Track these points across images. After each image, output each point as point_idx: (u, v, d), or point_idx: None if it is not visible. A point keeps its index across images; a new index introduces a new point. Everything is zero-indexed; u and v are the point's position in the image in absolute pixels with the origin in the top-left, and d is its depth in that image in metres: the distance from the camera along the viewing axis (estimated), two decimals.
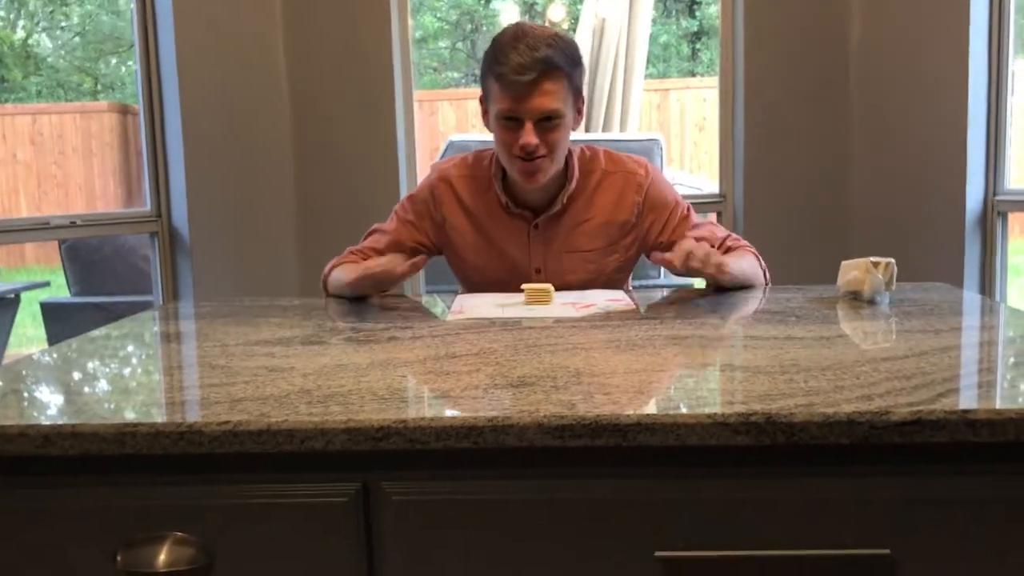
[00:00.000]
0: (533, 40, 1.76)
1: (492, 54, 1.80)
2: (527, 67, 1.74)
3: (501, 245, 1.97)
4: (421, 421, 1.01)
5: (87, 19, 13.14)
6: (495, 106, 1.81)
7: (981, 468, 1.01)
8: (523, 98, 1.76)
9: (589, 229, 1.94)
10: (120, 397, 1.17)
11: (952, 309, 1.61)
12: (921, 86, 2.99)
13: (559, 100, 1.78)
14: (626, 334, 1.46)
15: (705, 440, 0.99)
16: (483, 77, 1.85)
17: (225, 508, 1.05)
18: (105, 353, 1.47)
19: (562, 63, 1.77)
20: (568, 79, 1.80)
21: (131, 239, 4.33)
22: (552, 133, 1.80)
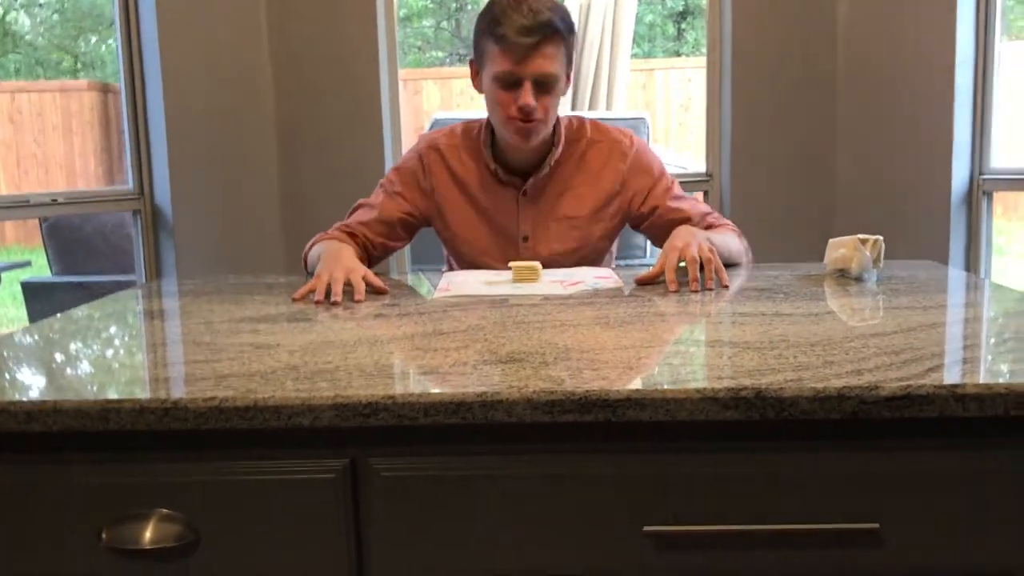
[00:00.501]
0: (535, 3, 1.79)
1: (491, 16, 1.81)
2: (531, 29, 1.76)
3: (490, 213, 1.97)
4: (410, 397, 1.00)
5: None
6: (493, 67, 1.82)
7: (969, 442, 1.01)
8: (524, 60, 1.79)
9: (575, 196, 1.96)
10: (104, 374, 1.15)
11: (939, 286, 1.61)
12: (908, 65, 2.99)
13: (557, 64, 1.82)
14: (614, 311, 1.46)
15: (694, 415, 0.99)
16: (478, 39, 1.86)
17: (211, 484, 1.04)
18: (88, 331, 1.45)
19: (562, 28, 1.81)
20: (565, 44, 1.84)
21: (113, 217, 4.29)
22: (548, 96, 1.83)
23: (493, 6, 1.82)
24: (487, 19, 1.82)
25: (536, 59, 1.79)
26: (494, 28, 1.79)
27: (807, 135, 3.12)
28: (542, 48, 1.78)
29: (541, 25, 1.77)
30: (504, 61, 1.79)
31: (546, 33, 1.78)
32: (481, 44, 1.85)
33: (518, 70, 1.79)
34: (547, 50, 1.79)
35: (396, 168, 2.05)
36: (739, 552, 1.02)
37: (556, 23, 1.79)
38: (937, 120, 2.94)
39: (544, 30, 1.77)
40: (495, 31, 1.79)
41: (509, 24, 1.77)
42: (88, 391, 1.06)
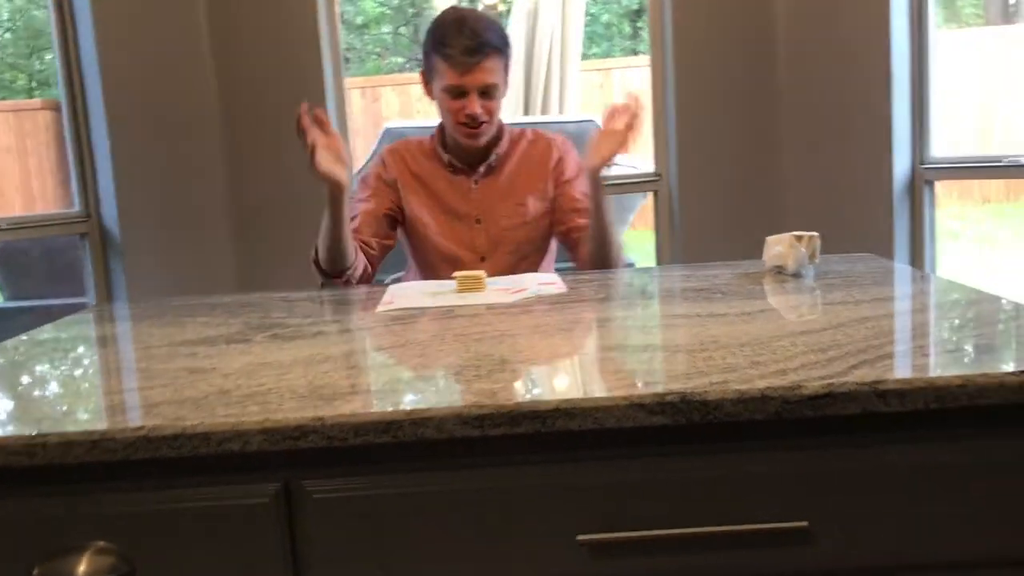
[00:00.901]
0: (474, 24, 2.06)
1: (438, 36, 2.07)
2: (473, 50, 2.04)
3: (446, 201, 2.20)
4: (339, 418, 1.00)
5: (18, 14, 12.78)
6: (442, 81, 2.09)
7: (894, 437, 1.03)
8: (469, 74, 2.06)
9: (519, 181, 2.22)
10: (35, 406, 1.14)
11: (875, 279, 1.63)
12: (845, 57, 3.03)
13: (497, 75, 2.10)
14: (555, 318, 1.47)
15: (622, 422, 1.00)
16: (427, 55, 2.13)
17: (145, 515, 1.03)
18: (24, 361, 1.43)
19: (500, 45, 2.10)
20: (503, 57, 2.12)
21: (63, 240, 4.23)
22: (491, 102, 2.12)
23: (438, 27, 2.09)
24: (435, 38, 2.09)
25: (479, 73, 2.06)
26: (441, 48, 2.07)
27: (751, 132, 3.16)
28: (484, 63, 2.06)
29: (481, 45, 2.04)
30: (452, 76, 2.07)
31: (486, 51, 2.05)
32: (430, 60, 2.12)
33: (465, 83, 2.07)
34: (488, 64, 2.06)
35: (361, 177, 2.28)
36: (673, 557, 1.03)
37: (494, 41, 2.07)
38: (876, 111, 2.98)
39: (485, 49, 2.05)
40: (442, 51, 2.06)
41: (455, 44, 2.04)
42: (14, 426, 1.05)
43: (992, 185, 8.77)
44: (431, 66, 2.12)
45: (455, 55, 2.04)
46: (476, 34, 2.03)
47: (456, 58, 2.04)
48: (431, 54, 2.10)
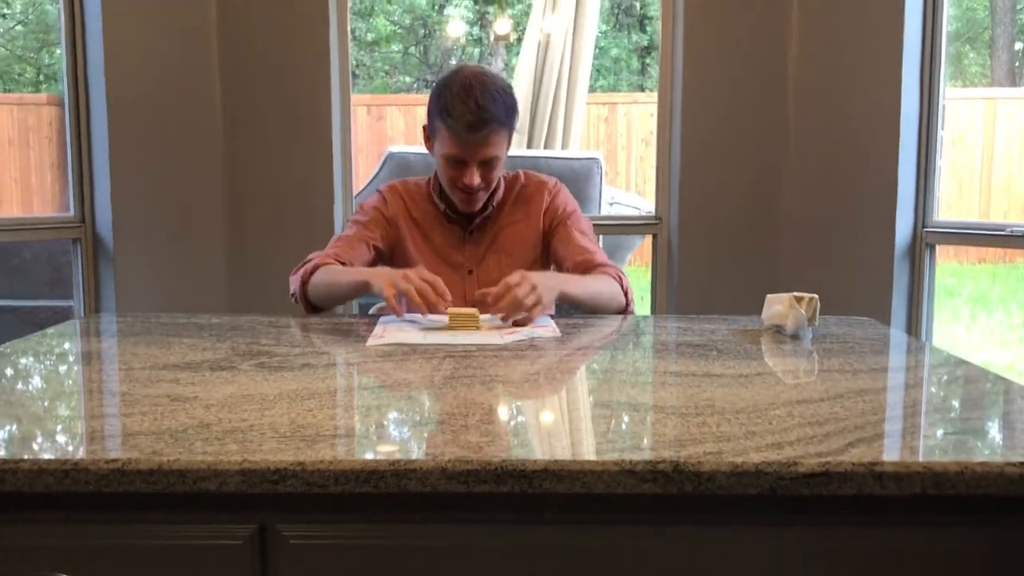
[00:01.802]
0: (481, 96, 1.94)
1: (443, 102, 1.97)
2: (476, 126, 1.94)
3: (440, 248, 2.15)
4: (320, 464, 0.97)
5: (30, 7, 12.79)
6: (443, 147, 2.00)
7: (890, 519, 1.00)
8: (470, 148, 1.97)
9: (512, 232, 2.15)
10: (8, 427, 1.11)
11: (873, 347, 1.61)
12: (855, 115, 3.03)
13: (499, 148, 2.01)
14: (546, 365, 1.44)
15: (612, 488, 0.97)
16: (431, 116, 2.02)
17: (116, 549, 1.00)
18: (5, 373, 1.40)
19: (504, 119, 1.98)
20: (507, 130, 2.02)
21: (52, 243, 4.20)
22: (491, 172, 2.04)
23: (444, 91, 1.98)
24: (439, 103, 1.98)
25: (481, 148, 1.97)
26: (444, 116, 1.96)
27: (755, 183, 3.15)
28: (487, 139, 1.97)
29: (484, 121, 1.94)
30: (452, 146, 1.98)
31: (490, 127, 1.95)
32: (433, 122, 2.03)
33: (465, 155, 1.98)
34: (491, 140, 1.97)
35: (361, 205, 2.22)
36: None
37: (500, 117, 1.96)
38: (882, 171, 2.98)
39: (489, 125, 1.95)
40: (445, 119, 1.96)
41: (458, 117, 1.94)
42: None
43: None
44: (433, 127, 2.03)
45: (457, 128, 1.94)
46: (481, 108, 1.93)
47: (458, 131, 1.94)
48: (434, 116, 2.01)
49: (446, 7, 13.38)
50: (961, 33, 11.29)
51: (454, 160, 1.99)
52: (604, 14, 12.38)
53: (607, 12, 12.64)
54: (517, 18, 10.60)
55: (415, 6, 13.28)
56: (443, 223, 2.14)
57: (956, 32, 2.64)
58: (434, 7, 13.36)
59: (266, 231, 3.15)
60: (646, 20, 12.94)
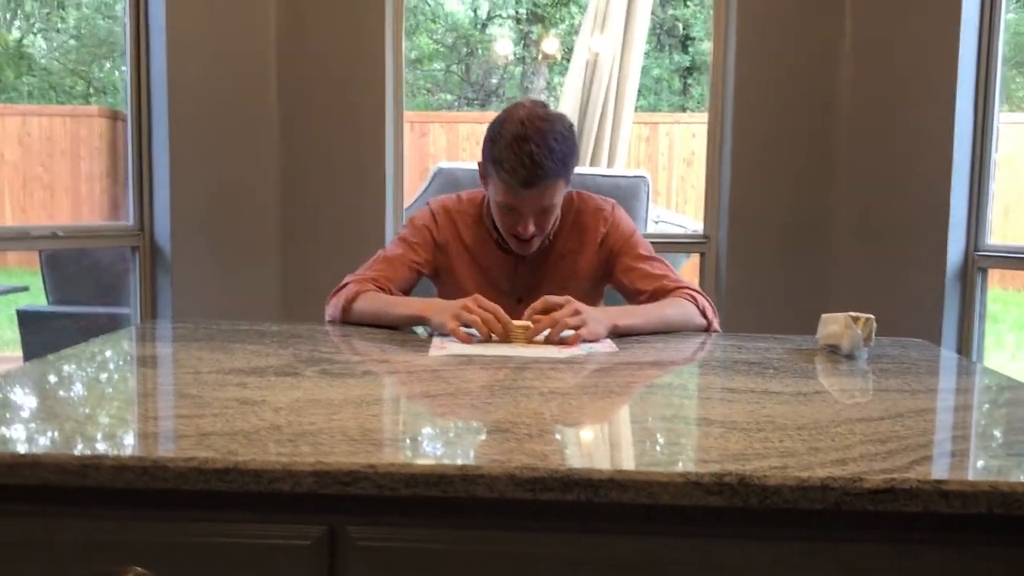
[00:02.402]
0: (536, 150, 1.83)
1: (495, 152, 1.88)
2: (531, 182, 1.84)
3: (490, 274, 2.08)
4: (391, 467, 1.00)
5: (83, 22, 13.11)
6: (496, 194, 1.93)
7: (952, 538, 1.00)
8: (524, 201, 1.89)
9: (566, 262, 2.08)
10: (87, 426, 1.15)
11: (929, 368, 1.61)
12: (908, 138, 3.02)
13: (556, 196, 1.92)
14: (604, 380, 1.46)
15: (677, 499, 0.98)
16: (485, 159, 1.94)
17: (188, 546, 1.03)
18: (75, 376, 1.45)
19: (560, 172, 1.88)
20: (564, 177, 1.92)
21: (111, 251, 4.30)
22: (547, 219, 1.96)
23: (498, 140, 1.87)
24: (492, 151, 1.89)
25: (536, 200, 1.89)
26: (497, 166, 1.87)
27: (806, 203, 3.15)
28: (542, 192, 1.88)
29: (539, 176, 1.84)
30: (506, 197, 1.90)
31: (546, 183, 1.86)
32: (487, 167, 1.94)
33: (519, 207, 1.90)
34: (547, 192, 1.89)
35: (411, 220, 2.14)
36: None
37: (556, 170, 1.86)
38: (935, 194, 2.96)
39: (544, 180, 1.85)
40: (498, 169, 1.87)
41: (511, 170, 1.84)
42: (69, 445, 1.05)
43: None
44: (487, 171, 1.94)
45: (511, 182, 1.85)
46: (535, 163, 1.82)
47: (512, 185, 1.86)
48: (488, 163, 1.92)
49: (488, 26, 13.50)
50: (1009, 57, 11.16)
51: (507, 208, 1.92)
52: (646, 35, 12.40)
53: (649, 33, 12.67)
54: (560, 37, 10.66)
55: (458, 25, 13.42)
56: (494, 249, 2.07)
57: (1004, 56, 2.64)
58: (476, 26, 13.49)
59: (318, 243, 3.20)
60: (688, 41, 12.96)
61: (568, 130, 1.93)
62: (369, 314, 1.93)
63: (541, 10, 12.75)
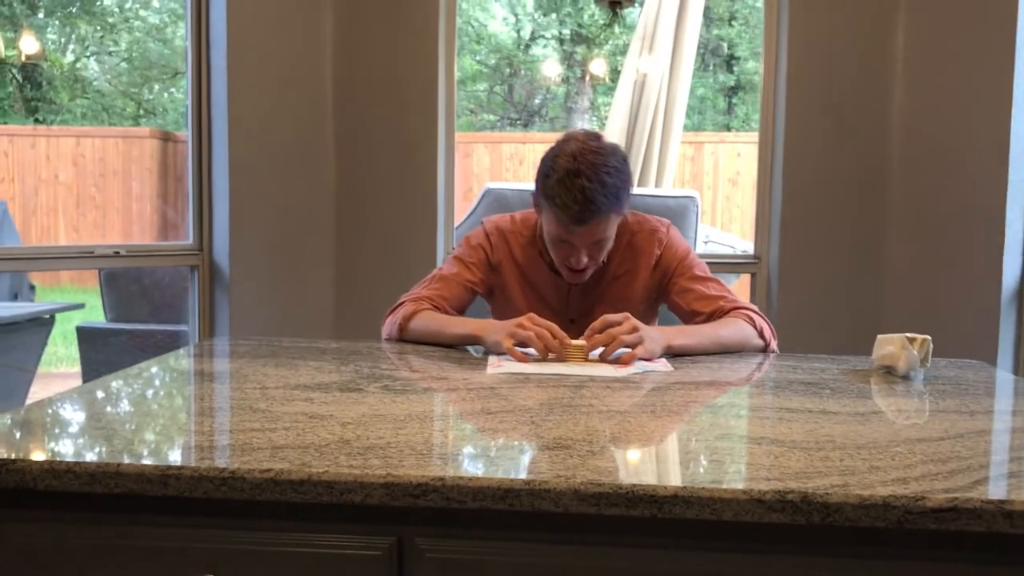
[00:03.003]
0: (588, 185, 1.82)
1: (548, 187, 1.87)
2: (582, 218, 1.84)
3: (543, 295, 2.09)
4: (459, 480, 1.03)
5: (135, 45, 13.43)
6: (548, 226, 1.93)
7: (1013, 559, 1.01)
8: (577, 235, 1.89)
9: (620, 283, 2.07)
10: (163, 438, 1.19)
11: (987, 390, 1.60)
12: (962, 157, 3.00)
13: (609, 230, 1.92)
14: (661, 399, 1.47)
15: (740, 516, 1.00)
16: (538, 190, 1.93)
17: (261, 554, 1.07)
18: (146, 391, 1.50)
19: (613, 206, 1.87)
20: (617, 211, 1.91)
21: (169, 270, 4.41)
22: (600, 250, 1.96)
23: (551, 174, 1.87)
24: (544, 186, 1.88)
25: (588, 234, 1.89)
26: (549, 202, 1.87)
27: (858, 223, 3.13)
28: (595, 227, 1.88)
29: (593, 213, 1.84)
30: (558, 228, 1.90)
31: (598, 218, 1.86)
32: (539, 199, 1.94)
33: (572, 240, 1.90)
34: (599, 226, 1.89)
35: (466, 239, 2.16)
36: None
37: (609, 206, 1.85)
38: (990, 213, 2.93)
39: (594, 216, 1.85)
40: (550, 206, 1.87)
41: (563, 207, 1.84)
42: (149, 456, 1.10)
43: None
44: (540, 202, 1.94)
45: (562, 217, 1.86)
46: (588, 200, 1.82)
47: (563, 220, 1.86)
48: (540, 194, 1.92)
49: (532, 47, 13.59)
50: None
51: (560, 241, 1.92)
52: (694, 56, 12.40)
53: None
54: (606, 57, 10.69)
55: (501, 46, 13.54)
56: (547, 271, 2.08)
57: None
58: (520, 47, 13.59)
59: (372, 263, 3.26)
60: (733, 60, 12.94)
61: (622, 163, 1.92)
62: (425, 333, 1.96)
63: (586, 30, 12.82)
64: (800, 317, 3.15)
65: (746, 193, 9.02)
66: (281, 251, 3.19)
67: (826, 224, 3.14)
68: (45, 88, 12.84)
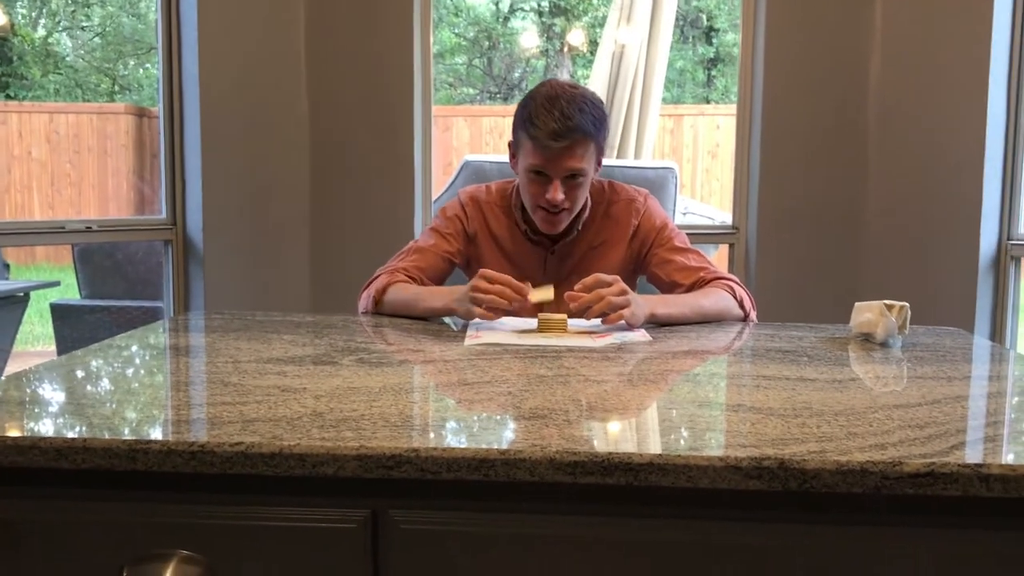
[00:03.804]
0: (567, 106, 1.87)
1: (527, 112, 1.91)
2: (560, 134, 1.86)
3: (520, 267, 2.07)
4: (433, 451, 1.01)
5: (108, 20, 13.24)
6: (526, 160, 1.94)
7: (991, 523, 1.01)
8: (554, 159, 1.90)
9: (597, 254, 2.07)
10: (132, 412, 1.17)
11: (964, 356, 1.60)
12: (939, 127, 3.00)
13: (585, 161, 1.93)
14: (639, 368, 1.46)
15: (716, 483, 0.99)
16: (516, 129, 1.97)
17: (233, 529, 1.05)
18: (117, 365, 1.47)
19: (591, 130, 1.90)
20: (596, 141, 1.94)
21: (143, 245, 4.35)
22: (576, 189, 1.95)
23: (530, 102, 1.92)
24: (524, 114, 1.93)
25: (565, 159, 1.90)
26: (528, 127, 1.90)
27: (836, 193, 3.13)
28: (572, 149, 1.89)
29: (570, 130, 1.86)
30: (536, 157, 1.91)
31: (576, 137, 1.88)
32: (517, 134, 1.97)
33: (548, 167, 1.91)
34: (576, 151, 1.90)
35: (443, 211, 2.15)
36: None
37: (586, 127, 1.88)
38: (967, 184, 2.94)
39: (574, 134, 1.87)
40: (529, 130, 1.90)
41: (542, 125, 1.87)
42: (117, 430, 1.08)
43: None
44: (517, 139, 1.97)
45: (540, 137, 1.87)
46: (566, 116, 1.85)
47: (541, 140, 1.87)
48: (519, 128, 1.95)
49: (511, 19, 13.50)
50: None
51: (537, 172, 1.92)
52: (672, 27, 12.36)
53: (673, 24, 12.62)
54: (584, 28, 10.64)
55: (480, 18, 13.43)
56: (523, 240, 2.07)
57: None
58: (498, 19, 13.49)
59: (348, 236, 3.23)
60: (712, 32, 12.90)
61: (600, 102, 1.96)
62: (399, 305, 1.95)
63: (564, 2, 12.74)
64: (778, 287, 3.16)
65: (725, 165, 9.04)
66: (256, 225, 3.15)
67: (804, 194, 3.14)
68: (16, 64, 12.63)
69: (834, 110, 3.11)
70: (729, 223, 3.30)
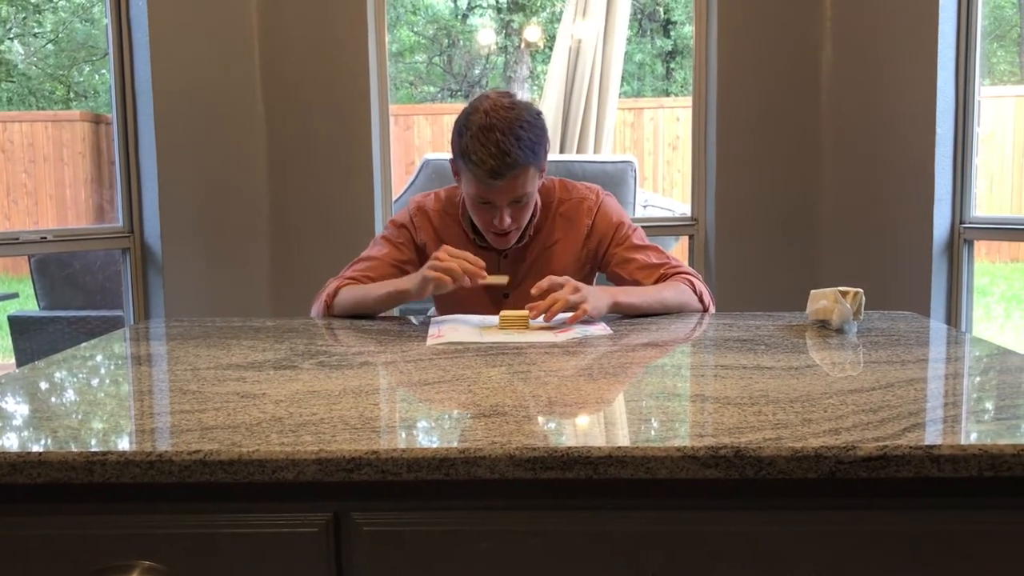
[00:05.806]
0: (502, 138, 1.80)
1: (463, 145, 1.85)
2: (499, 172, 1.81)
3: None
4: (393, 452, 1.01)
5: (60, 26, 13.02)
6: (468, 188, 1.90)
7: (945, 502, 1.03)
8: (497, 192, 1.86)
9: (551, 253, 2.06)
10: (89, 424, 1.16)
11: (919, 339, 1.63)
12: (891, 114, 3.04)
13: (529, 185, 1.88)
14: (599, 361, 1.48)
15: (675, 473, 1.00)
16: (455, 154, 1.90)
17: (195, 537, 1.04)
18: (74, 376, 1.46)
19: (530, 159, 1.84)
20: (535, 165, 1.88)
21: (101, 254, 4.30)
22: (522, 210, 1.93)
23: (465, 132, 1.85)
24: (460, 144, 1.86)
25: (508, 192, 1.86)
26: (466, 161, 1.84)
27: (792, 181, 3.17)
28: (513, 181, 1.84)
29: (509, 166, 1.81)
30: (478, 189, 1.86)
31: (515, 171, 1.83)
32: (457, 161, 1.91)
33: (492, 198, 1.87)
34: (518, 181, 1.85)
35: (392, 221, 2.13)
36: None
37: (524, 158, 1.82)
38: (919, 167, 2.99)
39: (513, 169, 1.82)
40: (466, 164, 1.84)
41: (479, 162, 1.81)
42: (73, 442, 1.07)
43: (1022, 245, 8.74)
44: (458, 165, 1.91)
45: (480, 175, 1.83)
46: (503, 152, 1.79)
47: (480, 175, 1.83)
48: (457, 157, 1.89)
49: (469, 16, 13.47)
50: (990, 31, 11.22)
51: (481, 200, 1.89)
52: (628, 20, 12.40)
53: (631, 18, 12.66)
54: (542, 24, 10.66)
55: (438, 16, 13.39)
56: (474, 248, 2.03)
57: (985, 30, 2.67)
58: (457, 17, 13.46)
59: (308, 239, 3.21)
60: (670, 25, 12.96)
61: (535, 117, 1.89)
62: (351, 304, 1.94)
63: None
64: (738, 276, 3.19)
65: (686, 158, 9.09)
66: (214, 230, 3.12)
67: (761, 184, 3.17)
68: None
69: (788, 101, 3.15)
70: (689, 215, 3.33)
